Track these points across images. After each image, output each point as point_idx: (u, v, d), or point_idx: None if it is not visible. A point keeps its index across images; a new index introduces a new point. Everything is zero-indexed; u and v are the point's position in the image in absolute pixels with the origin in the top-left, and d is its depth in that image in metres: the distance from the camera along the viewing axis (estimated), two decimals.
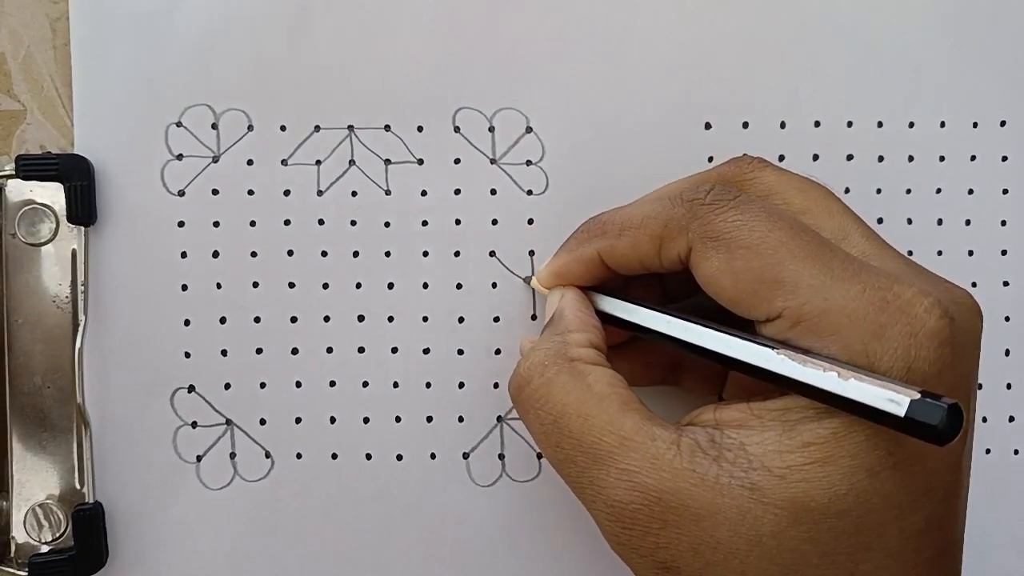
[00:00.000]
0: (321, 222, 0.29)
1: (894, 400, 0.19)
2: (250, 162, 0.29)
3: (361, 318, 0.29)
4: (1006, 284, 0.31)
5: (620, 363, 0.25)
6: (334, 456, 0.29)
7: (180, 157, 0.28)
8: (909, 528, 0.21)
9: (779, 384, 0.21)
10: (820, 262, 0.21)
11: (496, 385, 0.29)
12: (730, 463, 0.21)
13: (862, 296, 0.21)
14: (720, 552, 0.20)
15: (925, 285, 0.21)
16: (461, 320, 0.29)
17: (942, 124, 0.30)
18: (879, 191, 0.30)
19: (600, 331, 0.25)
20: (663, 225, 0.23)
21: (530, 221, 0.29)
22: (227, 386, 0.29)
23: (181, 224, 0.28)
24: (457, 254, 0.29)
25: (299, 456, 0.29)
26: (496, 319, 0.29)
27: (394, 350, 0.29)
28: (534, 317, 0.29)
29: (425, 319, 0.29)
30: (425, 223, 0.29)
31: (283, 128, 0.29)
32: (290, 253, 0.29)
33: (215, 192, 0.29)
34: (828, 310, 0.21)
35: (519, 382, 0.24)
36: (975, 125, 0.30)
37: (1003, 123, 0.30)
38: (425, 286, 0.29)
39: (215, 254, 0.29)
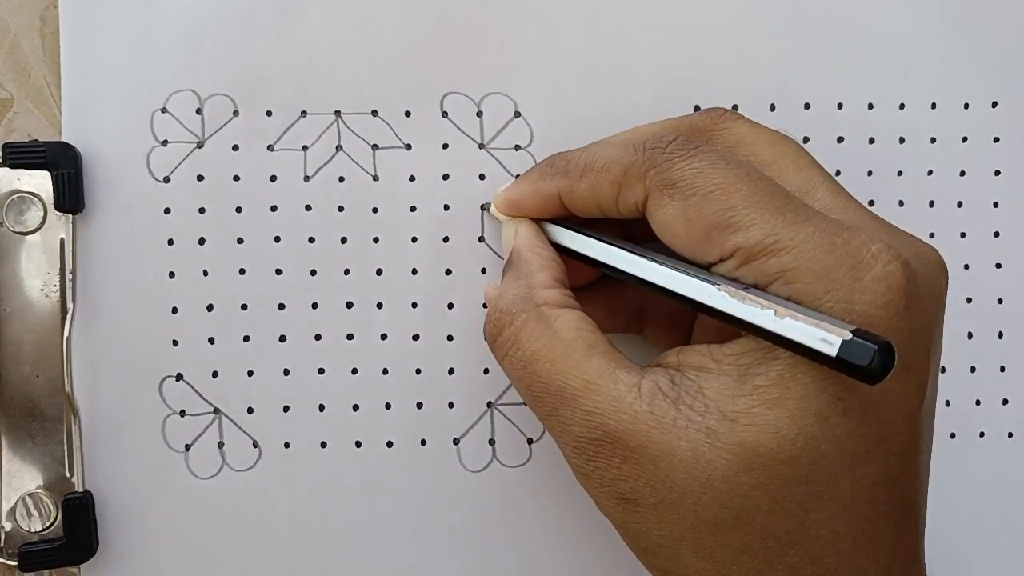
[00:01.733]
0: (308, 208, 0.29)
1: (826, 340, 0.19)
2: (235, 147, 0.29)
3: (350, 305, 0.29)
4: (999, 266, 0.30)
5: (584, 308, 0.25)
6: (323, 444, 0.29)
7: (165, 143, 0.28)
8: (863, 480, 0.21)
9: (723, 320, 0.21)
10: (773, 206, 0.22)
11: (486, 371, 0.29)
12: (688, 406, 0.21)
13: (811, 238, 0.21)
14: (675, 492, 0.21)
15: (881, 234, 0.22)
16: (451, 306, 0.29)
17: (933, 105, 0.30)
18: (870, 173, 0.30)
19: (560, 264, 0.26)
20: (623, 172, 0.24)
21: None
22: (215, 374, 0.29)
23: (167, 211, 0.28)
24: (446, 240, 0.29)
25: (287, 445, 0.29)
26: (486, 305, 0.29)
27: (383, 337, 0.29)
28: None
29: (414, 305, 0.29)
30: (413, 208, 0.29)
31: (269, 113, 0.29)
32: (277, 239, 0.29)
33: (200, 178, 0.28)
34: (776, 250, 0.21)
35: (491, 331, 0.25)
36: (966, 106, 0.30)
37: (994, 104, 0.30)
38: (414, 272, 0.29)
39: (201, 241, 0.28)
